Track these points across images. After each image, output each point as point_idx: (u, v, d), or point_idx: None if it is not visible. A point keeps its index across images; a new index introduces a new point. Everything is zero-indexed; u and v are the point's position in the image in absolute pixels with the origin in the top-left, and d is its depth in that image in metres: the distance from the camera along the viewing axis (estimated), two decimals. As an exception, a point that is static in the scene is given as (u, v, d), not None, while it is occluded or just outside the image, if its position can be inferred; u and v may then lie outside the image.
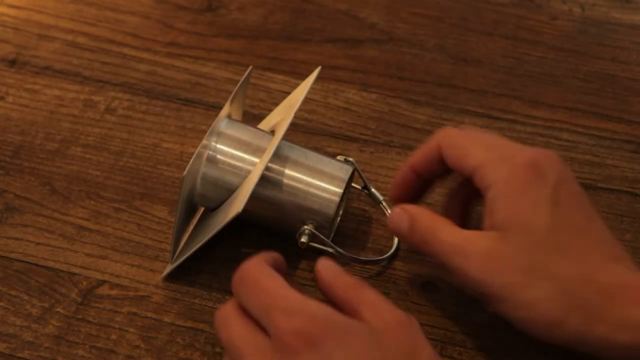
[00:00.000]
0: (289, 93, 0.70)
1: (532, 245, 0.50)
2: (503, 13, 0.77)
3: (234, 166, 0.57)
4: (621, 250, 0.51)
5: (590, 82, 0.72)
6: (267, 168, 0.56)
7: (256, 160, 0.56)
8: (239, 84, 0.59)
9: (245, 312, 0.48)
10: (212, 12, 0.77)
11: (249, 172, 0.56)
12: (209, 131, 0.56)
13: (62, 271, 0.59)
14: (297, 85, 0.71)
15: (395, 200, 0.58)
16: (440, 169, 0.56)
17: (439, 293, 0.58)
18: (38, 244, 0.60)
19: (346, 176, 0.57)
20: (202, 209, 0.62)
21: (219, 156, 0.57)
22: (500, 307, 0.50)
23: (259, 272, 0.49)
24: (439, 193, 0.61)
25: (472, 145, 0.54)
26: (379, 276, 0.59)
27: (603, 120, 0.69)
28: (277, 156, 0.57)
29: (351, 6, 0.78)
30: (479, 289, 0.50)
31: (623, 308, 0.48)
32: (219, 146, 0.57)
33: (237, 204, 0.53)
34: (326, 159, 0.58)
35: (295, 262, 0.59)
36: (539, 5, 0.78)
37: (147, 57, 0.73)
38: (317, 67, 0.61)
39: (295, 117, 0.69)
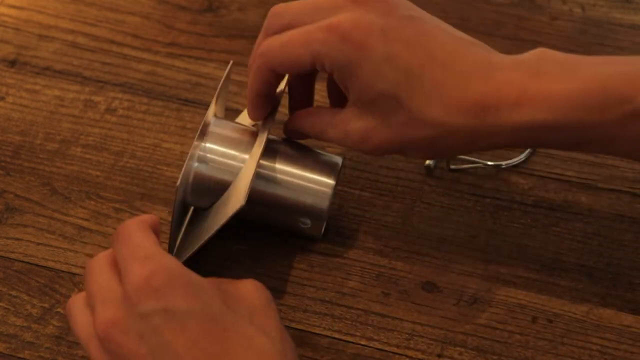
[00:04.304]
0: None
1: (389, 108, 0.52)
2: (503, 13, 0.77)
3: (226, 164, 0.57)
4: (466, 39, 0.55)
5: (590, 82, 0.72)
6: (258, 163, 0.56)
7: (246, 157, 0.57)
8: (222, 81, 0.59)
9: (114, 264, 0.49)
10: (212, 12, 0.77)
11: (240, 168, 0.56)
12: (198, 132, 0.56)
13: (63, 271, 0.59)
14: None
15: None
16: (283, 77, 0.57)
17: (439, 293, 0.58)
18: (38, 244, 0.60)
19: (337, 167, 0.58)
20: (191, 210, 0.62)
21: (209, 155, 0.57)
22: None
23: (135, 227, 0.50)
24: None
25: (294, 43, 0.54)
26: (379, 276, 0.59)
27: (603, 121, 0.69)
28: (267, 151, 0.57)
29: (351, 6, 0.78)
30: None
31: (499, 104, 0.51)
32: (209, 145, 0.57)
33: (237, 198, 0.53)
34: (314, 152, 0.59)
35: (294, 261, 0.59)
36: (539, 5, 0.78)
37: (147, 58, 0.73)
38: None
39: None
